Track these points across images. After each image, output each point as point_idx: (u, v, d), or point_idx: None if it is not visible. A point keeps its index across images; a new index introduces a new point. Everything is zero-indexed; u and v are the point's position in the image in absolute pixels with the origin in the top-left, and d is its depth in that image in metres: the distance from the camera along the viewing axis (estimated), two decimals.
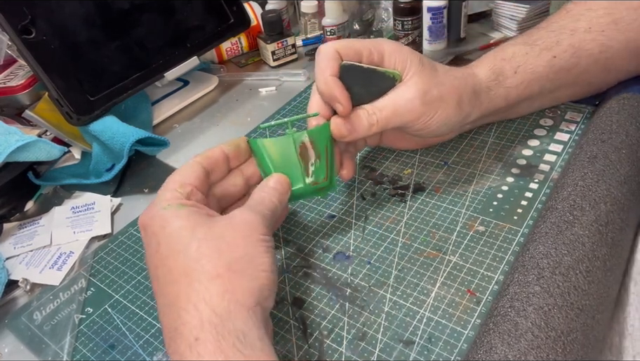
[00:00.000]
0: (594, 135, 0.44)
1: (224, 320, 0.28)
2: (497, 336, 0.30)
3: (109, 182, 0.56)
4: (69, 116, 0.55)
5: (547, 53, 0.46)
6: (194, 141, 0.63)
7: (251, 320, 0.29)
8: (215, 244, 0.31)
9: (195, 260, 0.30)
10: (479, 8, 0.78)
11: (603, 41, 0.45)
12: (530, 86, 0.46)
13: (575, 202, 0.37)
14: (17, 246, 0.50)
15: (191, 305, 0.29)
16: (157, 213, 0.33)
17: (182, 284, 0.30)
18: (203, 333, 0.28)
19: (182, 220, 0.32)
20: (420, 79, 0.41)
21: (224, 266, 0.30)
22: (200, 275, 0.30)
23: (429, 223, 0.44)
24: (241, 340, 0.28)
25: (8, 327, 0.42)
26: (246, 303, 0.29)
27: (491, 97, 0.45)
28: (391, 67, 0.42)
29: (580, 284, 0.32)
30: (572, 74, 0.46)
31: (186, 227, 0.32)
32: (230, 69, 0.78)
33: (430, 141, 0.50)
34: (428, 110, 0.41)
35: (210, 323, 0.28)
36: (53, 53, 0.54)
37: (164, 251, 0.32)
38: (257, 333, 0.29)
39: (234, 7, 0.71)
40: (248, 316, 0.29)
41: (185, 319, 0.29)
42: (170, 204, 0.33)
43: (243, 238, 0.32)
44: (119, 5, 0.60)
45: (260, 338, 0.29)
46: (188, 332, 0.28)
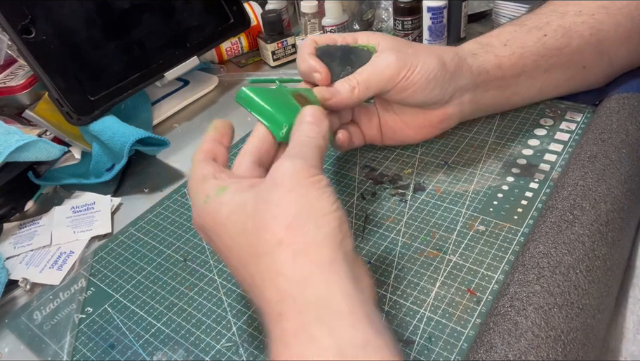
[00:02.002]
0: (594, 134, 0.44)
1: (303, 288, 0.26)
2: (498, 335, 0.30)
3: (109, 182, 0.56)
4: (69, 116, 0.55)
5: (537, 32, 0.46)
6: (194, 141, 0.63)
7: (332, 277, 0.26)
8: (266, 210, 0.29)
9: (254, 236, 0.28)
10: (479, 8, 0.78)
11: (593, 24, 0.45)
12: (522, 57, 0.45)
13: (575, 202, 0.37)
14: (17, 245, 0.50)
15: (267, 281, 0.27)
16: (202, 211, 0.32)
17: (253, 264, 0.28)
18: (285, 307, 0.26)
19: (227, 205, 0.30)
20: (394, 43, 0.43)
21: (283, 229, 0.27)
22: (264, 249, 0.28)
23: (429, 223, 0.44)
24: (325, 307, 0.25)
25: (8, 327, 0.42)
26: (321, 259, 0.27)
27: (480, 62, 0.45)
28: (364, 43, 0.44)
29: (580, 283, 0.32)
30: (564, 54, 0.46)
31: (234, 210, 0.30)
32: (230, 69, 0.78)
33: (433, 120, 0.46)
34: (406, 64, 0.41)
35: (289, 294, 0.26)
36: (53, 53, 0.54)
37: (227, 241, 0.30)
38: (343, 290, 0.26)
39: (234, 7, 0.71)
40: (328, 273, 0.26)
41: (266, 296, 0.27)
42: (209, 195, 0.32)
43: (290, 192, 0.29)
44: (119, 5, 0.60)
45: (346, 297, 0.26)
46: (271, 308, 0.26)
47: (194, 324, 0.39)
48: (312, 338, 0.24)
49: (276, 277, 0.27)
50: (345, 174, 0.51)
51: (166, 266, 0.44)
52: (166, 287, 0.42)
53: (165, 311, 0.40)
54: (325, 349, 0.24)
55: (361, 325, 0.25)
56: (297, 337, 0.25)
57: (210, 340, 0.37)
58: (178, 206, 0.51)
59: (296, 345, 0.25)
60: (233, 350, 0.36)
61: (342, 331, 0.25)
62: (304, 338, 0.24)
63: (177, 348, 0.37)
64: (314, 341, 0.24)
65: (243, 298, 0.40)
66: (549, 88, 0.50)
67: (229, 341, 0.37)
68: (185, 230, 0.48)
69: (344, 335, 0.24)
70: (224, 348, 0.37)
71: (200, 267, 0.43)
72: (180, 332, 0.38)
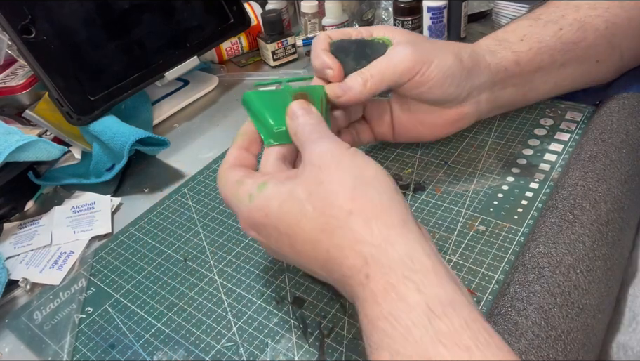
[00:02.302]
0: (595, 134, 0.44)
1: (384, 249, 0.27)
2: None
3: (109, 182, 0.56)
4: (69, 116, 0.55)
5: (553, 26, 0.45)
6: (194, 141, 0.63)
7: (410, 236, 0.27)
8: (321, 190, 0.29)
9: (319, 216, 0.29)
10: (479, 8, 0.78)
11: (607, 17, 0.45)
12: (539, 53, 0.45)
13: (575, 201, 0.37)
14: (17, 245, 0.50)
15: (347, 250, 0.27)
16: (250, 209, 0.32)
17: (325, 241, 0.28)
18: (371, 269, 0.26)
19: (275, 198, 0.31)
20: (411, 37, 0.42)
21: (348, 200, 0.28)
22: (335, 223, 0.28)
23: (430, 223, 0.44)
24: (409, 265, 0.26)
25: (8, 327, 0.41)
26: (392, 222, 0.28)
27: (499, 58, 0.44)
28: (380, 36, 0.43)
29: (581, 283, 0.32)
30: (580, 48, 0.46)
31: (285, 200, 0.30)
32: (230, 69, 0.78)
33: (448, 118, 0.45)
34: (422, 58, 0.40)
35: (373, 257, 0.26)
36: (53, 53, 0.54)
37: (287, 230, 0.30)
38: (422, 248, 0.27)
39: (234, 7, 0.71)
40: (402, 234, 0.27)
41: (348, 264, 0.27)
42: (251, 193, 0.32)
43: (338, 168, 0.30)
44: (119, 5, 0.60)
45: (427, 254, 0.27)
46: (357, 273, 0.27)
47: (194, 324, 0.39)
48: (401, 296, 0.25)
49: (355, 245, 0.27)
50: None
51: (166, 266, 0.44)
52: (166, 287, 0.42)
53: (165, 311, 0.40)
54: (415, 306, 0.25)
55: (445, 282, 0.26)
56: (386, 296, 0.25)
57: (210, 340, 0.37)
58: (178, 206, 0.51)
59: (386, 303, 0.25)
60: (233, 350, 0.36)
61: (428, 288, 0.25)
62: (394, 296, 0.25)
63: (177, 348, 0.37)
64: (403, 299, 0.25)
65: (244, 298, 0.40)
66: (564, 83, 0.49)
67: (229, 341, 0.37)
68: (185, 230, 0.48)
69: (431, 292, 0.25)
70: (224, 347, 0.37)
71: (200, 267, 0.43)
72: (180, 332, 0.38)
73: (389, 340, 0.25)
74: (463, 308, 0.25)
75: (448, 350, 0.23)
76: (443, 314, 0.24)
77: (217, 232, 0.47)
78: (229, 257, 0.44)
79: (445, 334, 0.24)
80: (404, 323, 0.24)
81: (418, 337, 0.24)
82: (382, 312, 0.25)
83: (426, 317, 0.24)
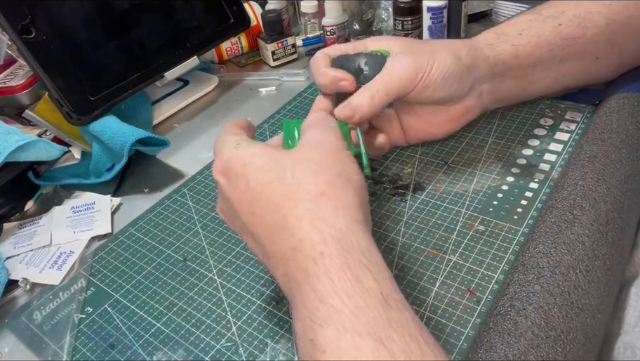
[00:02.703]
0: (594, 134, 0.44)
1: (345, 235, 0.28)
2: (497, 335, 0.30)
3: (109, 182, 0.56)
4: (69, 116, 0.55)
5: (552, 21, 0.46)
6: (194, 141, 0.63)
7: (367, 235, 0.29)
8: (307, 166, 0.30)
9: (293, 183, 0.30)
10: (479, 8, 0.78)
11: (608, 14, 0.45)
12: (538, 47, 0.45)
13: (575, 201, 0.37)
14: (17, 245, 0.50)
15: (305, 223, 0.28)
16: (232, 155, 0.32)
17: (287, 208, 0.29)
18: (327, 248, 0.27)
19: (260, 156, 0.32)
20: (407, 44, 0.43)
21: (325, 184, 0.29)
22: (303, 196, 0.29)
23: (429, 223, 0.44)
24: (367, 255, 0.27)
25: (8, 327, 0.42)
26: (359, 218, 0.29)
27: (497, 51, 0.45)
28: (376, 48, 0.43)
29: (580, 283, 0.32)
30: (579, 44, 0.46)
31: (269, 161, 0.31)
32: (230, 69, 0.78)
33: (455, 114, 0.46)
34: (423, 65, 0.41)
35: (333, 237, 0.27)
36: (53, 53, 0.54)
37: (256, 186, 0.31)
38: (377, 249, 0.29)
39: (234, 7, 0.71)
40: (364, 231, 0.29)
41: (302, 236, 0.28)
42: (240, 143, 0.33)
43: (330, 155, 0.31)
44: (119, 5, 0.60)
45: (380, 255, 0.28)
46: (310, 248, 0.27)
47: (193, 324, 0.39)
48: (357, 278, 0.26)
49: (316, 221, 0.28)
50: None
51: (166, 266, 0.44)
52: (166, 287, 0.42)
53: (165, 311, 0.40)
54: (370, 290, 0.26)
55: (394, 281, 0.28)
56: (341, 275, 0.26)
57: (209, 340, 0.37)
58: (178, 206, 0.51)
59: (340, 281, 0.26)
60: (233, 350, 0.36)
61: (382, 280, 0.27)
62: (350, 275, 0.26)
63: (176, 348, 0.37)
64: (359, 281, 0.26)
65: (243, 297, 0.40)
66: (564, 79, 0.49)
67: (228, 341, 0.37)
68: (185, 230, 0.48)
69: (385, 284, 0.27)
70: (224, 347, 0.37)
71: (200, 267, 0.43)
72: (180, 332, 0.38)
73: (337, 316, 0.25)
74: (410, 308, 0.27)
75: (398, 336, 0.24)
76: (395, 305, 0.26)
77: (216, 232, 0.47)
78: (229, 257, 0.44)
79: (397, 322, 0.25)
80: (356, 303, 0.25)
81: (371, 317, 0.25)
82: (335, 289, 0.26)
83: (379, 303, 0.25)
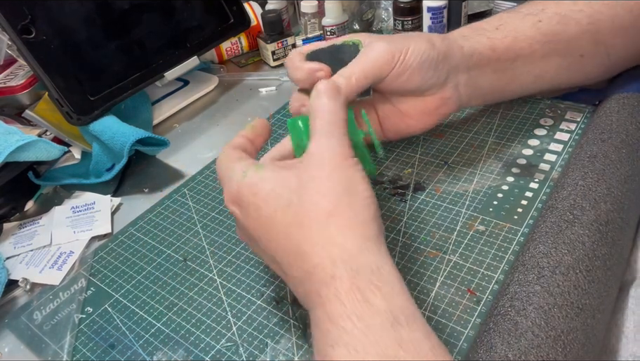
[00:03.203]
0: (594, 134, 0.44)
1: (355, 255, 0.28)
2: (498, 335, 0.30)
3: (109, 182, 0.56)
4: (69, 116, 0.55)
5: (532, 17, 0.45)
6: (194, 141, 0.63)
7: (380, 251, 0.29)
8: (312, 187, 0.30)
9: (302, 208, 0.30)
10: (479, 8, 0.78)
11: (590, 12, 0.45)
12: (517, 41, 0.45)
13: (575, 201, 0.37)
14: (17, 245, 0.50)
15: (318, 247, 0.28)
16: (241, 184, 0.33)
17: (300, 234, 0.29)
18: (338, 270, 0.27)
19: (269, 181, 0.32)
20: (380, 36, 0.43)
21: (333, 203, 0.29)
22: (313, 220, 0.29)
23: (429, 223, 0.44)
24: (376, 273, 0.27)
25: (8, 327, 0.42)
26: (369, 234, 0.29)
27: (472, 42, 0.44)
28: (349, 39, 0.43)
29: (580, 283, 0.32)
30: (560, 40, 0.45)
31: (277, 185, 0.31)
32: (230, 69, 0.78)
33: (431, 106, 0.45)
34: (397, 48, 0.41)
35: (342, 260, 0.28)
36: (53, 53, 0.54)
37: (267, 213, 0.31)
38: (390, 263, 0.29)
39: (234, 7, 0.71)
40: (375, 247, 0.29)
41: (315, 261, 0.28)
42: (246, 171, 0.33)
43: (334, 171, 0.31)
44: (119, 5, 0.60)
45: (393, 267, 0.28)
46: (322, 271, 0.28)
47: (193, 324, 0.39)
48: (366, 299, 0.26)
49: (327, 245, 0.28)
50: None
51: (166, 266, 0.44)
52: (166, 287, 0.42)
53: (165, 311, 0.40)
54: (379, 311, 0.26)
55: (409, 297, 0.27)
56: (351, 297, 0.26)
57: (210, 340, 0.37)
58: (178, 206, 0.51)
59: (351, 304, 0.26)
60: (233, 350, 0.36)
61: (394, 297, 0.27)
62: (359, 298, 0.26)
63: (177, 348, 0.37)
64: (368, 302, 0.26)
65: (243, 297, 0.40)
66: (547, 76, 0.48)
67: (229, 341, 0.37)
68: (185, 230, 0.48)
69: (396, 301, 0.27)
70: (224, 347, 0.37)
71: (200, 267, 0.43)
72: (180, 332, 0.38)
73: (349, 338, 0.25)
74: (424, 322, 0.26)
75: (407, 354, 0.24)
76: (406, 324, 0.25)
77: (216, 232, 0.47)
78: (229, 257, 0.44)
79: (407, 342, 0.25)
80: (367, 323, 0.25)
81: (380, 338, 0.25)
82: (346, 311, 0.26)
83: (389, 322, 0.25)
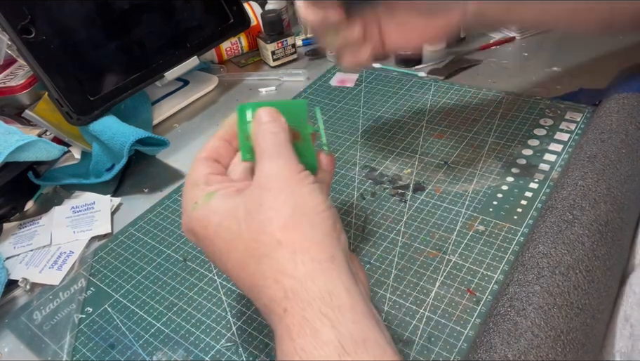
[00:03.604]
0: (594, 134, 0.44)
1: (305, 284, 0.26)
2: (497, 335, 0.30)
3: (109, 182, 0.56)
4: (69, 116, 0.55)
5: None
6: (194, 141, 0.63)
7: (334, 272, 0.27)
8: (260, 214, 0.29)
9: (251, 239, 0.29)
10: None
11: None
12: None
13: (574, 202, 0.37)
14: (17, 245, 0.50)
15: (270, 280, 0.27)
16: (192, 218, 0.32)
17: (253, 265, 0.29)
18: (289, 303, 0.26)
19: (217, 213, 0.31)
20: None
21: (279, 230, 0.28)
22: (263, 250, 0.28)
23: (429, 223, 0.44)
24: (327, 300, 0.26)
25: (7, 327, 0.42)
26: (321, 256, 0.27)
27: None
28: None
29: (580, 283, 0.32)
30: None
31: (225, 217, 0.30)
32: (230, 69, 0.78)
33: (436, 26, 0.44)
34: None
35: (293, 291, 0.26)
36: (53, 53, 0.54)
37: (220, 246, 0.30)
38: (344, 285, 0.27)
39: (234, 7, 0.71)
40: (329, 269, 0.27)
41: (269, 294, 0.27)
42: (197, 202, 0.32)
43: (280, 193, 0.29)
44: (119, 5, 0.60)
45: (347, 290, 0.27)
46: (277, 306, 0.27)
47: (193, 324, 0.39)
48: (314, 331, 0.25)
49: (278, 276, 0.27)
50: (345, 174, 0.51)
51: (166, 266, 0.44)
52: (166, 287, 0.42)
53: (165, 311, 0.40)
54: (327, 343, 0.25)
55: (362, 319, 0.26)
56: (300, 331, 0.25)
57: (209, 340, 0.37)
58: (178, 206, 0.51)
59: (299, 339, 0.25)
60: (233, 350, 0.36)
61: (343, 325, 0.25)
62: (308, 331, 0.25)
63: (176, 348, 0.37)
64: (317, 335, 0.25)
65: (243, 298, 0.40)
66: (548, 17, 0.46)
67: (228, 341, 0.37)
68: None
69: (345, 329, 0.25)
70: (224, 347, 0.37)
71: (200, 267, 0.43)
72: (180, 332, 0.38)
73: None
74: (375, 347, 0.25)
75: None
76: (354, 352, 0.24)
77: None
78: None
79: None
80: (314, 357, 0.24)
81: None
82: (295, 346, 0.25)
83: (337, 354, 0.24)
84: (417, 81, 0.65)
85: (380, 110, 0.61)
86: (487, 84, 0.63)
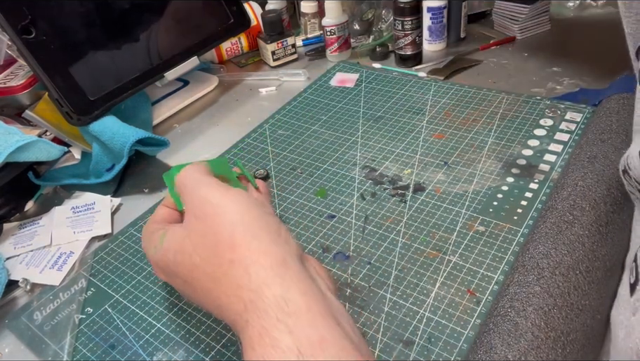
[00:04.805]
0: (594, 135, 0.44)
1: (260, 294, 0.27)
2: (497, 336, 0.30)
3: (109, 182, 0.56)
4: (69, 116, 0.55)
5: None
6: (194, 141, 0.63)
7: (287, 276, 0.28)
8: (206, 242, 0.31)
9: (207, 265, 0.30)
10: (479, 8, 0.78)
11: None
12: None
13: (575, 202, 0.37)
14: (17, 246, 0.49)
15: (232, 297, 0.28)
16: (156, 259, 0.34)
17: (215, 289, 0.30)
18: (249, 315, 0.27)
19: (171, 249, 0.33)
20: None
21: (228, 250, 0.29)
22: (220, 272, 0.29)
23: (429, 223, 0.44)
24: (282, 306, 0.26)
25: (8, 327, 0.42)
26: (271, 262, 0.28)
27: None
28: None
29: (580, 284, 0.32)
30: None
31: (177, 251, 0.32)
32: (230, 69, 0.78)
33: None
34: None
35: (251, 302, 0.27)
36: (53, 53, 0.54)
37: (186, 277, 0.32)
38: (299, 288, 0.27)
39: (234, 7, 0.71)
40: (282, 274, 0.28)
41: (233, 310, 0.28)
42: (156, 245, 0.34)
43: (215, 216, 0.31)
44: (119, 5, 0.60)
45: (303, 293, 0.27)
46: (240, 318, 0.28)
47: (194, 324, 0.39)
48: (273, 340, 0.26)
49: (237, 291, 0.28)
50: (345, 174, 0.51)
51: None
52: (166, 287, 0.42)
53: (165, 311, 0.40)
54: (286, 350, 0.25)
55: (319, 320, 0.26)
56: (260, 341, 0.26)
57: (210, 341, 0.37)
58: None
59: (260, 348, 0.26)
60: (233, 351, 0.36)
61: (299, 329, 0.26)
62: (267, 341, 0.26)
63: (177, 349, 0.37)
64: (275, 344, 0.25)
65: None
66: None
67: (229, 342, 0.37)
68: None
69: (302, 333, 0.26)
70: (224, 348, 0.37)
71: None
72: (180, 333, 0.38)
73: None
74: (333, 346, 0.25)
75: None
76: (310, 355, 0.25)
77: None
78: None
79: None
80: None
81: None
82: (257, 357, 0.26)
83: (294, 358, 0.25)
84: (417, 81, 0.65)
85: (380, 110, 0.61)
86: (487, 84, 0.63)
